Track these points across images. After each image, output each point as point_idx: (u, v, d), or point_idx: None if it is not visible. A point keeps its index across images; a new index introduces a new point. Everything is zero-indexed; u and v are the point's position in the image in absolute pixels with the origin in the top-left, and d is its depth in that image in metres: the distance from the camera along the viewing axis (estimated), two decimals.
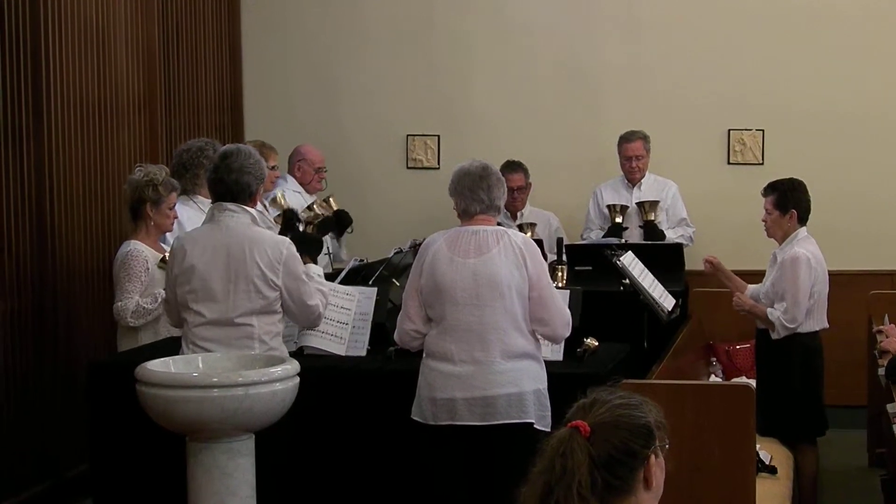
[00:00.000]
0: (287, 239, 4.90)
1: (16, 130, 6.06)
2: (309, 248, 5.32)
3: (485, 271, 4.49)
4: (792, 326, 5.89)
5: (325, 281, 5.09)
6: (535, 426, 4.46)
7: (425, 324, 4.61)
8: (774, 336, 5.95)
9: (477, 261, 4.51)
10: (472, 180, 4.60)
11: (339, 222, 7.18)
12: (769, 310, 5.96)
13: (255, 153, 4.89)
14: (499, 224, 4.62)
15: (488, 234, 4.56)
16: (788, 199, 6.01)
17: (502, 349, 4.48)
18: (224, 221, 4.77)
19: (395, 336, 4.74)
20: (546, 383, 4.58)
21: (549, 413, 4.52)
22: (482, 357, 4.48)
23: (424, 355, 4.62)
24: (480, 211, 4.60)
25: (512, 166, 7.85)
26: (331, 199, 7.24)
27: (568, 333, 4.67)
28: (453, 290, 4.50)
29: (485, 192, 4.59)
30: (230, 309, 4.70)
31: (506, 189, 4.73)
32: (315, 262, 5.29)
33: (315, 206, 7.18)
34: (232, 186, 4.79)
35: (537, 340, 4.61)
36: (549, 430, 4.38)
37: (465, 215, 4.63)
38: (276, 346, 4.78)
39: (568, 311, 4.67)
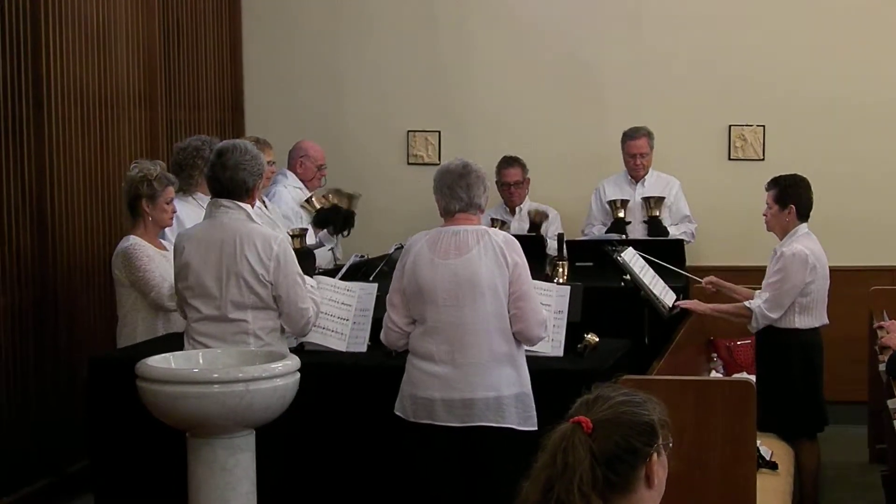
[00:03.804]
0: (280, 235, 4.89)
1: (16, 126, 6.06)
2: (302, 262, 5.31)
3: (465, 272, 4.47)
4: (771, 316, 5.88)
5: (316, 293, 5.06)
6: (515, 429, 4.46)
7: (409, 324, 4.60)
8: (752, 327, 5.94)
9: (457, 261, 4.48)
10: (452, 178, 4.59)
11: (344, 221, 7.16)
12: (749, 301, 5.96)
13: (252, 149, 4.88)
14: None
15: (469, 233, 4.54)
16: (788, 195, 6.01)
17: (482, 351, 4.46)
18: (219, 218, 4.78)
19: (381, 336, 4.72)
20: (529, 386, 4.55)
21: (534, 413, 4.51)
22: (461, 359, 4.47)
23: (409, 353, 4.62)
24: (460, 209, 4.58)
25: (509, 161, 7.86)
26: (319, 198, 7.22)
27: (543, 335, 4.64)
28: (434, 292, 4.48)
29: (463, 191, 4.56)
30: (224, 304, 4.72)
31: (487, 187, 4.67)
32: (310, 275, 5.27)
33: (314, 200, 7.17)
34: (227, 183, 4.79)
35: (520, 343, 4.58)
36: (535, 429, 4.42)
37: (447, 214, 4.62)
38: (272, 342, 4.78)
39: (544, 312, 4.64)
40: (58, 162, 6.34)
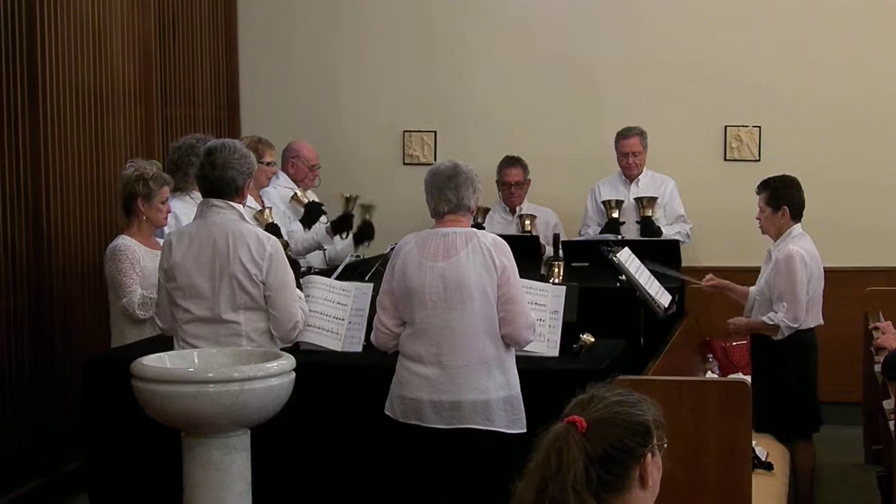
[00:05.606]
0: (273, 237, 4.87)
1: (11, 124, 6.05)
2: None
3: (453, 275, 4.45)
4: (795, 325, 5.88)
5: (304, 303, 5.02)
6: (504, 432, 4.45)
7: (398, 325, 4.59)
8: (778, 337, 5.92)
9: (445, 264, 4.47)
10: (441, 180, 4.58)
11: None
12: (769, 315, 5.94)
13: (241, 148, 4.85)
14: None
15: (457, 236, 4.52)
16: (780, 197, 6.02)
17: (470, 354, 4.45)
18: (211, 217, 4.76)
19: (371, 337, 4.72)
20: (518, 388, 4.54)
21: (523, 415, 4.50)
22: (449, 361, 4.46)
23: (399, 354, 4.62)
24: (449, 211, 4.57)
25: (511, 161, 7.86)
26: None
27: (532, 338, 4.62)
28: (422, 294, 4.47)
29: (452, 192, 4.55)
30: (216, 305, 4.69)
31: (477, 188, 4.65)
32: (297, 285, 5.26)
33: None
34: (216, 182, 4.77)
35: (508, 346, 4.56)
36: (524, 431, 4.42)
37: (436, 215, 4.62)
38: (264, 343, 4.76)
39: (532, 315, 4.62)
40: (53, 160, 6.33)
